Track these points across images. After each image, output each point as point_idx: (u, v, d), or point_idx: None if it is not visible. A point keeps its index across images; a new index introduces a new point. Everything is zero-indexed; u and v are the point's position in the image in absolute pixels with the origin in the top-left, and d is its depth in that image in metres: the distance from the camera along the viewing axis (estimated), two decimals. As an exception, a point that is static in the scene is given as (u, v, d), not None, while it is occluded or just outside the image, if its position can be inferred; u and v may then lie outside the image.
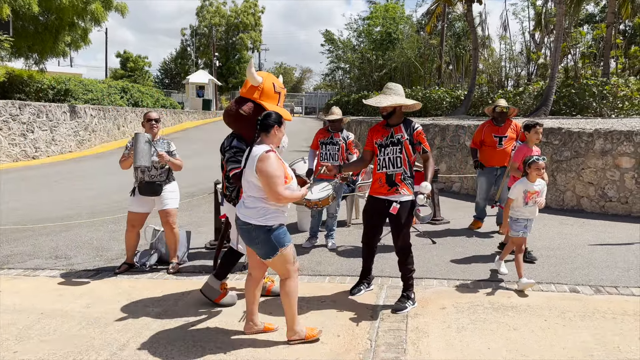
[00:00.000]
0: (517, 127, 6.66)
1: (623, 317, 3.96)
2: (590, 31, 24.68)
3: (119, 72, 51.10)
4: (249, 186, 3.47)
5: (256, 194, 3.44)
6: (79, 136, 19.46)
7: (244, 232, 3.48)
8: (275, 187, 3.33)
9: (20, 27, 17.60)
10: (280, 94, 4.15)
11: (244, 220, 3.45)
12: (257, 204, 3.44)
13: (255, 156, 3.39)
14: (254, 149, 3.46)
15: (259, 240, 3.44)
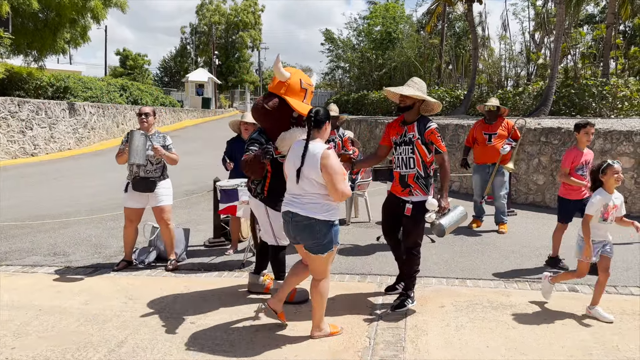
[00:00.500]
0: (509, 126, 6.79)
1: (622, 316, 3.96)
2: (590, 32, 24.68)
3: (118, 70, 51.04)
4: (309, 183, 3.45)
5: (318, 191, 3.46)
6: (78, 134, 19.43)
7: (305, 227, 3.46)
8: (339, 184, 3.38)
9: (19, 24, 17.56)
10: (306, 90, 4.13)
11: (307, 215, 3.44)
12: (320, 200, 3.47)
13: (316, 154, 3.41)
14: (311, 147, 3.46)
15: (321, 234, 3.45)
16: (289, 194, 3.60)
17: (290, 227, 3.56)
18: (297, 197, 3.51)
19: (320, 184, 3.43)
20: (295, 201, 3.52)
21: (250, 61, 56.00)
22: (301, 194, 3.49)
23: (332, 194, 3.41)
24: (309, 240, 3.49)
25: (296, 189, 3.51)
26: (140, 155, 4.88)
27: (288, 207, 3.55)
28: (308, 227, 3.45)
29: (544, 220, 7.52)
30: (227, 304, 4.27)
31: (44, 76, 19.75)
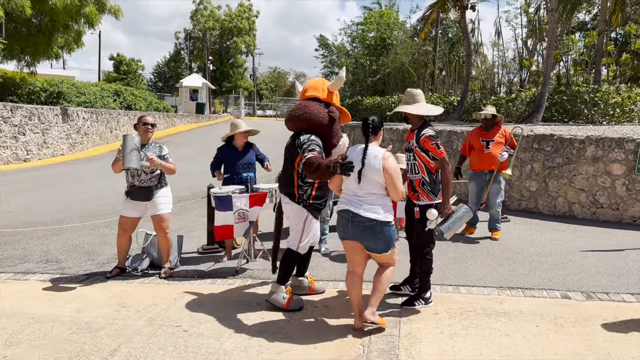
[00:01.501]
0: (506, 133, 6.83)
1: (614, 322, 3.98)
2: (582, 39, 24.90)
3: (112, 75, 50.93)
4: (370, 183, 3.70)
5: (378, 191, 3.72)
6: (71, 139, 19.35)
7: (366, 228, 3.68)
8: (399, 184, 3.70)
9: (12, 29, 17.50)
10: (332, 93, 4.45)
11: (369, 217, 3.65)
12: (380, 200, 3.71)
13: (377, 156, 3.71)
14: (371, 150, 3.74)
15: (382, 235, 3.70)
16: (348, 193, 3.82)
17: (350, 226, 3.75)
18: (358, 197, 3.74)
19: (380, 184, 3.71)
20: (356, 201, 3.74)
21: (244, 67, 56.02)
22: (362, 194, 3.73)
23: (392, 192, 3.73)
24: (371, 241, 3.73)
25: (357, 189, 3.75)
26: (134, 159, 4.82)
27: (347, 206, 3.76)
28: (370, 229, 3.68)
29: (536, 226, 7.55)
30: (220, 312, 4.25)
31: (37, 81, 19.67)
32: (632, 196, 7.63)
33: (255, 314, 4.20)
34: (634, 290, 4.77)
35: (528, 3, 25.71)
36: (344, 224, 3.80)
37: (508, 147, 6.73)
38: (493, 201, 6.78)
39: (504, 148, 6.69)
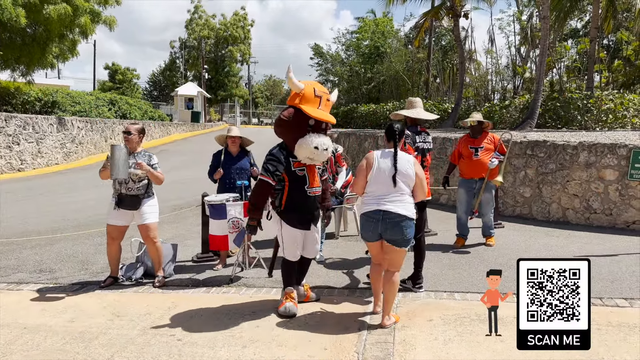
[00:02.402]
0: (495, 139, 6.76)
1: (607, 328, 4.00)
2: (575, 46, 25.12)
3: (107, 84, 50.89)
4: (402, 186, 4.07)
5: (407, 192, 4.11)
6: (66, 148, 19.31)
7: (396, 224, 4.00)
8: (425, 186, 4.18)
9: (7, 39, 17.51)
10: (321, 97, 4.27)
11: (399, 213, 4.01)
12: (408, 199, 4.10)
13: (408, 161, 4.15)
14: (401, 155, 4.15)
15: (408, 231, 4.05)
16: (377, 196, 4.10)
17: (380, 224, 4.04)
18: (390, 197, 4.06)
19: (409, 185, 4.12)
20: (386, 201, 4.05)
21: (239, 75, 56.14)
22: (393, 195, 4.06)
23: (419, 193, 4.16)
24: (398, 236, 4.04)
25: (388, 191, 4.08)
26: (121, 170, 4.82)
27: (378, 207, 4.05)
28: (399, 224, 4.02)
29: (530, 232, 7.58)
30: (215, 321, 4.24)
31: (32, 91, 19.66)
32: (625, 201, 7.67)
33: (249, 322, 4.19)
34: (627, 295, 4.79)
35: (521, 11, 25.95)
36: (373, 225, 4.08)
37: (498, 154, 6.65)
38: (485, 210, 6.70)
39: (493, 154, 6.61)
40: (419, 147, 5.13)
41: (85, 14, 18.48)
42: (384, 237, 4.10)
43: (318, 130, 4.23)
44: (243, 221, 5.23)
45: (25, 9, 16.24)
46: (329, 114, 4.32)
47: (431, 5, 20.31)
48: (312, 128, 4.21)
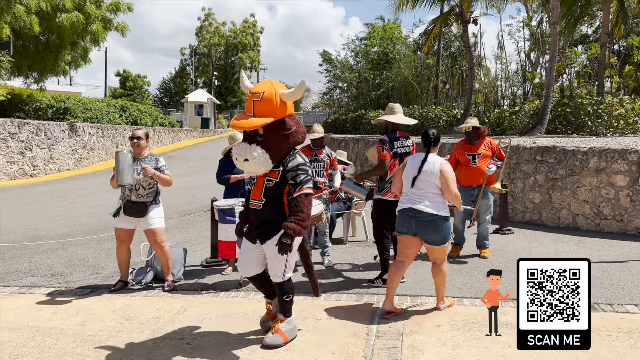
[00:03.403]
0: (492, 145, 6.53)
1: (617, 334, 3.97)
2: (585, 51, 24.98)
3: (118, 91, 51.38)
4: (429, 185, 4.31)
5: (437, 192, 4.31)
6: (77, 154, 19.51)
7: (429, 222, 4.25)
8: (453, 187, 4.33)
9: (20, 46, 17.80)
10: (248, 99, 3.70)
11: (431, 212, 4.24)
12: (437, 199, 4.30)
13: (434, 163, 4.34)
14: (430, 158, 4.37)
15: (442, 228, 4.28)
16: (408, 195, 4.37)
17: (413, 222, 4.28)
18: (419, 197, 4.31)
19: (437, 186, 4.31)
20: (418, 200, 4.30)
21: (249, 82, 56.40)
22: (422, 194, 4.30)
23: (447, 194, 4.30)
24: (432, 234, 4.28)
25: (412, 190, 4.34)
26: (127, 176, 4.84)
27: (410, 205, 4.31)
28: (431, 223, 4.25)
29: (540, 238, 7.54)
30: (223, 325, 4.26)
31: (44, 97, 19.91)
32: (636, 207, 7.61)
33: (258, 327, 4.21)
34: (638, 302, 4.75)
35: (530, 17, 25.87)
36: (407, 221, 4.33)
37: (495, 159, 6.44)
38: (482, 218, 6.49)
39: (491, 160, 6.39)
40: (396, 152, 5.22)
41: (97, 22, 18.74)
42: (421, 238, 4.35)
43: (248, 139, 3.68)
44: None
45: (38, 17, 16.51)
46: (244, 120, 3.60)
47: (440, 12, 20.30)
48: (244, 136, 3.79)
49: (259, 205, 3.75)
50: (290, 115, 3.76)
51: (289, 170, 3.66)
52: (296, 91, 3.69)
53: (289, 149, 3.74)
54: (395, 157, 5.25)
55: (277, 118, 3.61)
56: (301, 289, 5.23)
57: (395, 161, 5.23)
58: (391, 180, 5.15)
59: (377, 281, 5.32)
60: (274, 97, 3.59)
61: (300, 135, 3.79)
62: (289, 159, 3.70)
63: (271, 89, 3.62)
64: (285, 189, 3.70)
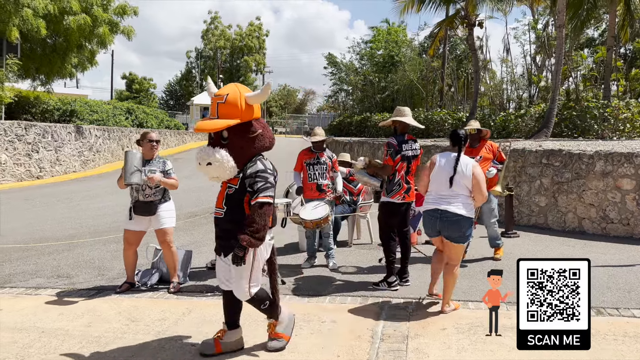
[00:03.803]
0: (493, 148, 6.50)
1: (624, 338, 3.95)
2: (591, 54, 24.89)
3: (124, 93, 51.66)
4: (460, 187, 4.45)
5: (466, 193, 4.47)
6: (84, 156, 19.61)
7: (453, 222, 4.41)
8: (484, 189, 4.50)
9: (28, 49, 17.92)
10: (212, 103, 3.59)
11: (456, 212, 4.40)
12: (466, 200, 4.47)
13: (468, 164, 4.50)
14: (463, 159, 4.51)
15: (465, 228, 4.45)
16: (438, 195, 4.52)
17: (438, 222, 4.48)
18: (448, 197, 4.46)
19: (467, 188, 4.46)
20: (445, 200, 4.46)
21: (254, 84, 56.60)
22: (452, 195, 4.45)
23: (478, 195, 4.48)
24: (455, 233, 4.45)
25: (448, 191, 4.46)
26: (135, 175, 4.88)
27: (436, 206, 4.48)
28: (456, 222, 4.41)
29: (546, 242, 7.51)
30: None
31: (51, 100, 20.04)
32: (643, 211, 7.57)
33: (263, 328, 4.20)
34: (644, 306, 4.72)
35: (536, 20, 25.82)
36: (432, 222, 4.53)
37: (496, 162, 6.42)
38: (487, 222, 6.49)
39: (491, 163, 6.36)
40: (404, 155, 5.24)
41: (104, 25, 18.84)
42: (443, 234, 4.51)
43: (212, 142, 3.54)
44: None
45: (45, 20, 16.62)
46: (208, 122, 3.45)
47: (445, 15, 20.30)
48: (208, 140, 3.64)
49: (221, 214, 3.57)
50: (257, 118, 3.60)
51: (247, 176, 3.46)
52: (262, 93, 3.56)
53: (254, 154, 3.56)
54: (403, 160, 5.26)
55: (242, 121, 3.45)
56: (305, 290, 5.26)
57: (403, 164, 5.25)
58: (399, 183, 5.24)
59: (382, 284, 5.30)
60: (239, 100, 3.45)
61: (268, 140, 3.62)
62: (249, 164, 3.50)
63: (235, 92, 3.48)
64: (246, 196, 3.49)
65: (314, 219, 5.72)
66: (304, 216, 5.80)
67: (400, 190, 5.25)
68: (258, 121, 3.62)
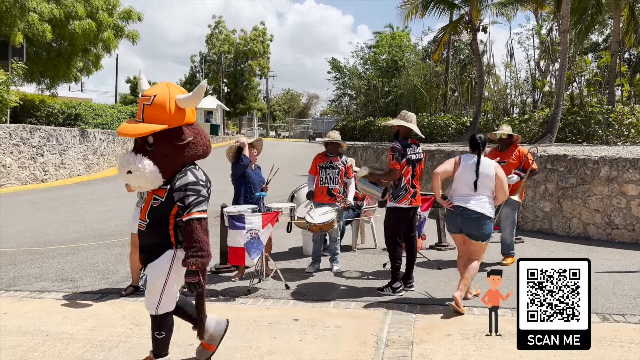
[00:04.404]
0: (521, 154, 6.53)
1: (630, 345, 3.92)
2: (595, 60, 24.87)
3: (128, 97, 51.87)
4: (484, 187, 4.74)
5: (489, 194, 4.77)
6: (88, 160, 19.67)
7: (474, 220, 4.68)
8: (506, 188, 4.84)
9: (33, 53, 18.03)
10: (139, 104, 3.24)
11: (477, 211, 4.67)
12: (488, 200, 4.75)
13: (490, 165, 4.79)
14: (483, 161, 4.80)
15: (486, 227, 4.71)
16: (461, 195, 4.79)
17: (459, 219, 4.74)
18: (471, 196, 4.73)
19: (490, 188, 4.75)
20: (467, 199, 4.72)
21: (258, 89, 56.78)
22: (475, 195, 4.72)
23: (500, 194, 4.79)
24: (475, 231, 4.70)
25: (469, 192, 4.74)
26: None
27: (459, 203, 4.75)
28: (476, 220, 4.67)
29: (551, 247, 7.48)
30: (232, 332, 4.26)
31: (56, 103, 20.13)
32: (648, 217, 7.54)
33: (267, 333, 4.21)
34: (651, 312, 4.69)
35: (540, 25, 25.83)
36: (455, 219, 4.78)
37: (519, 170, 6.44)
38: (503, 224, 6.50)
39: (514, 171, 6.37)
40: (409, 159, 5.25)
41: (109, 29, 18.95)
42: (464, 232, 4.75)
43: (136, 148, 3.22)
44: (261, 232, 5.28)
45: (51, 24, 16.73)
46: (131, 126, 3.13)
47: (449, 20, 20.33)
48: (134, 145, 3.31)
49: (143, 226, 3.27)
50: (190, 124, 3.26)
51: (176, 189, 3.11)
52: (193, 96, 3.16)
53: (184, 163, 3.21)
54: (408, 164, 5.26)
55: (170, 126, 3.10)
56: (309, 295, 5.25)
57: (408, 168, 5.24)
58: (406, 187, 5.22)
59: (386, 289, 5.28)
60: (167, 102, 3.09)
61: (201, 148, 3.31)
62: (179, 175, 3.14)
63: (165, 93, 3.13)
64: (173, 210, 3.18)
65: (319, 222, 5.72)
66: (309, 219, 5.81)
67: (407, 195, 5.24)
68: (191, 127, 3.26)
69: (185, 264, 3.11)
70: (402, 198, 5.23)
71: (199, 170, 3.29)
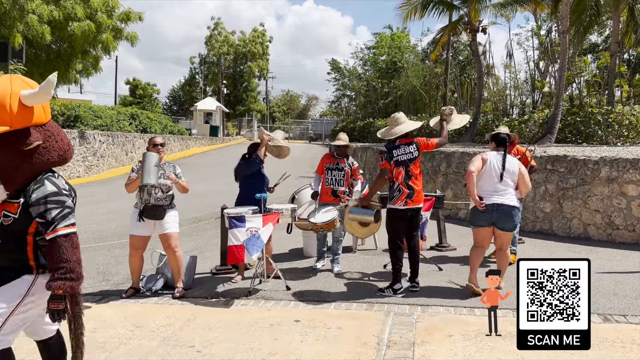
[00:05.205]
0: (519, 153, 6.62)
1: (632, 345, 3.92)
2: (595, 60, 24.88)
3: (128, 99, 51.77)
4: (508, 181, 5.12)
5: (512, 186, 5.15)
6: (88, 162, 19.65)
7: (508, 213, 5.06)
8: (528, 181, 5.28)
9: (32, 55, 18.00)
10: None
11: (510, 204, 5.06)
12: (514, 193, 5.15)
13: (514, 162, 5.25)
14: (509, 157, 5.24)
15: (516, 217, 5.17)
16: (487, 190, 5.11)
17: (494, 214, 5.05)
18: (500, 191, 5.08)
19: (513, 182, 5.16)
20: (498, 194, 5.06)
21: (257, 90, 56.74)
22: (502, 189, 5.08)
23: (524, 187, 5.24)
24: (509, 223, 5.10)
25: (496, 186, 5.10)
26: (153, 176, 4.92)
27: (492, 200, 5.05)
28: (510, 213, 5.06)
29: (551, 248, 7.48)
30: (233, 333, 4.26)
31: (55, 105, 20.08)
32: (649, 217, 7.53)
33: (268, 334, 4.20)
34: (652, 313, 4.69)
35: (539, 26, 25.85)
36: (489, 214, 5.06)
37: None
38: None
39: None
40: (398, 161, 5.25)
41: (108, 31, 18.93)
42: (497, 226, 5.09)
43: None
44: (262, 233, 5.27)
45: (50, 26, 16.72)
46: None
47: (449, 21, 20.31)
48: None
49: None
50: (40, 124, 2.63)
51: (33, 203, 2.56)
52: (40, 92, 2.54)
53: (36, 172, 2.62)
54: (397, 165, 5.28)
55: (13, 127, 2.49)
56: (310, 296, 5.24)
57: (398, 169, 5.27)
58: (399, 188, 5.24)
59: (387, 290, 5.28)
60: (8, 100, 2.48)
61: (55, 153, 2.69)
62: (34, 186, 2.59)
63: (6, 88, 2.50)
64: (31, 227, 2.64)
65: (319, 221, 5.74)
66: (311, 219, 5.83)
67: (401, 196, 5.25)
68: (41, 128, 2.64)
69: (49, 287, 2.56)
70: (397, 199, 5.25)
71: (59, 178, 2.71)
